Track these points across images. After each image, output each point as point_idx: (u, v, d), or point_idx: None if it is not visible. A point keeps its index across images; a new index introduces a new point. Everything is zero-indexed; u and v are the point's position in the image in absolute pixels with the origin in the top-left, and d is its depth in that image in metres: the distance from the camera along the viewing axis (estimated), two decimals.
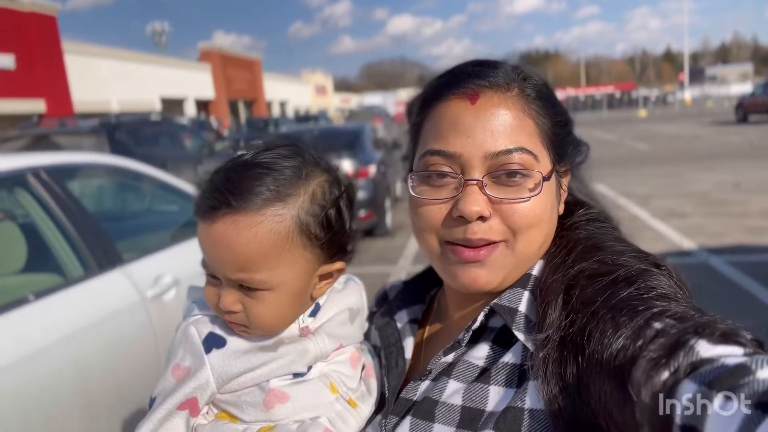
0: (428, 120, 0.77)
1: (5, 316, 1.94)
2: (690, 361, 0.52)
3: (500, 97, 0.74)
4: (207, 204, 0.73)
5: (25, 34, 18.70)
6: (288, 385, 0.77)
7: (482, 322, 0.75)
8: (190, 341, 0.76)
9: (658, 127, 26.75)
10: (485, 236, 0.72)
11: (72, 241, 2.40)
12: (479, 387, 0.71)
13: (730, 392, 0.47)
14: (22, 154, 2.79)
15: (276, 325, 0.78)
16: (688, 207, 8.37)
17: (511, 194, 0.72)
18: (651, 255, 0.72)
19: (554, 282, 0.71)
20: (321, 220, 0.76)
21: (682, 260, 5.89)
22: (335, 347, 0.82)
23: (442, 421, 0.71)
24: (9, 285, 2.30)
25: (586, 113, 52.83)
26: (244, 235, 0.71)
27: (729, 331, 0.55)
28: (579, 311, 0.65)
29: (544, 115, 0.75)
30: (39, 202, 2.39)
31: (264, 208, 0.71)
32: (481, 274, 0.74)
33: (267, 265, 0.73)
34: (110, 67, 25.51)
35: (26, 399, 1.86)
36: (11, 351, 1.88)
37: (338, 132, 9.31)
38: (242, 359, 0.75)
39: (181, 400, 0.74)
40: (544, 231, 0.75)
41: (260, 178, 0.73)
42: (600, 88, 75.18)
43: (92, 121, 8.25)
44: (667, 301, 0.62)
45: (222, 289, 0.75)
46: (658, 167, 12.78)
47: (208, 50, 37.58)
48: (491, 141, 0.71)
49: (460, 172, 0.73)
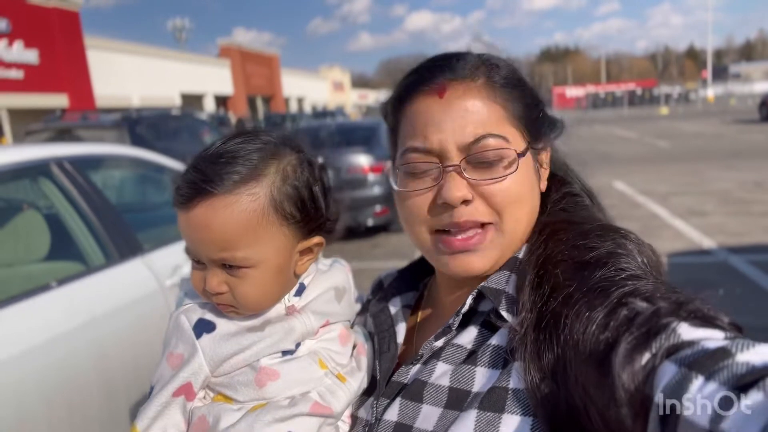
0: (403, 119, 0.80)
1: (29, 301, 2.00)
2: (671, 343, 0.53)
3: (466, 87, 0.76)
4: (183, 196, 0.76)
5: (48, 30, 19.00)
6: (278, 363, 0.80)
7: (471, 305, 0.77)
8: (181, 329, 0.79)
9: (680, 124, 26.35)
10: (471, 218, 0.74)
11: (94, 230, 2.46)
12: (466, 369, 0.73)
13: (710, 374, 0.47)
14: (46, 145, 2.85)
15: (262, 302, 0.81)
16: (709, 205, 8.24)
17: (488, 175, 0.74)
18: (619, 230, 0.73)
19: (527, 264, 0.74)
20: (294, 198, 0.79)
21: (701, 259, 5.82)
22: (321, 324, 0.85)
23: (431, 402, 0.73)
24: (33, 272, 2.37)
25: (606, 110, 52.23)
26: (221, 215, 0.74)
27: (709, 315, 0.56)
28: (552, 294, 0.67)
29: (512, 99, 0.77)
30: (62, 191, 2.45)
31: (237, 188, 0.75)
32: (473, 260, 0.76)
33: (246, 243, 0.75)
34: (131, 63, 25.83)
35: (49, 382, 1.92)
36: (35, 335, 1.93)
37: (355, 128, 9.33)
38: (232, 341, 0.78)
39: (177, 386, 0.77)
40: (527, 206, 0.78)
41: (229, 163, 0.76)
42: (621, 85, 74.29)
43: (114, 115, 8.37)
44: (638, 281, 0.63)
45: (207, 272, 0.78)
46: (678, 165, 12.60)
47: (227, 46, 37.84)
48: (461, 132, 0.74)
49: (439, 162, 0.75)
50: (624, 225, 0.76)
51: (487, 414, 0.65)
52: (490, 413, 0.65)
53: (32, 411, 1.85)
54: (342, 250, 7.14)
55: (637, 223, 7.23)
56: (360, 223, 7.48)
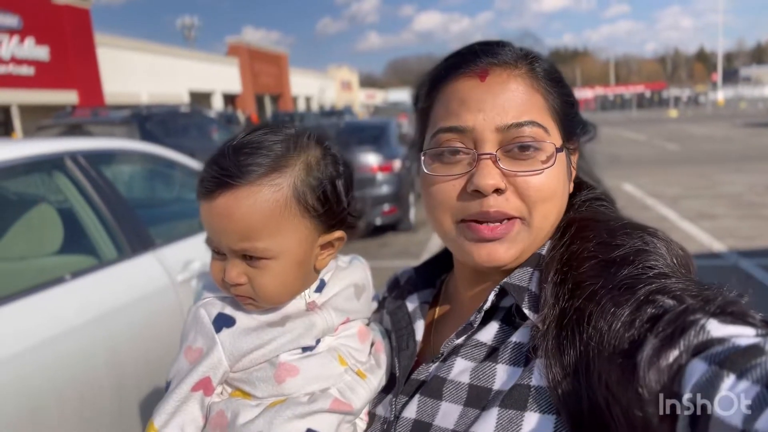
0: (437, 101, 0.78)
1: (43, 294, 2.00)
2: (700, 340, 0.51)
3: (509, 73, 0.74)
4: (206, 188, 0.76)
5: (59, 27, 19.11)
6: (297, 359, 0.79)
7: (493, 302, 0.75)
8: (200, 323, 0.79)
9: (689, 127, 26.19)
10: (501, 209, 0.72)
11: (107, 225, 2.46)
12: (487, 366, 0.71)
13: (742, 372, 0.46)
14: (60, 139, 2.87)
15: (281, 295, 0.80)
16: (719, 209, 8.19)
17: (525, 167, 0.72)
18: (647, 228, 0.71)
19: (549, 262, 0.72)
20: (317, 191, 0.78)
21: (711, 262, 5.78)
22: (342, 321, 0.84)
23: (450, 399, 0.72)
24: (46, 265, 2.37)
25: (615, 112, 51.99)
26: (244, 204, 0.74)
27: (740, 311, 0.54)
28: (576, 291, 0.65)
29: (553, 93, 0.76)
30: (76, 185, 2.46)
31: (260, 179, 0.74)
32: (498, 249, 0.73)
33: (268, 233, 0.75)
34: (141, 61, 25.93)
35: (61, 374, 1.92)
36: (47, 328, 1.94)
37: (364, 127, 9.32)
38: (251, 336, 0.77)
39: (195, 380, 0.76)
40: (557, 205, 0.76)
41: (252, 154, 0.76)
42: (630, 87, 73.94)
43: (124, 111, 8.40)
44: (666, 279, 0.61)
45: (227, 263, 0.77)
46: (688, 168, 12.52)
47: (236, 45, 37.92)
48: (502, 114, 0.72)
49: (473, 148, 0.73)
50: None
51: (509, 412, 0.64)
52: (512, 411, 0.64)
53: (43, 404, 1.86)
54: (350, 249, 7.11)
55: None
56: (368, 222, 7.46)
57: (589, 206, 0.81)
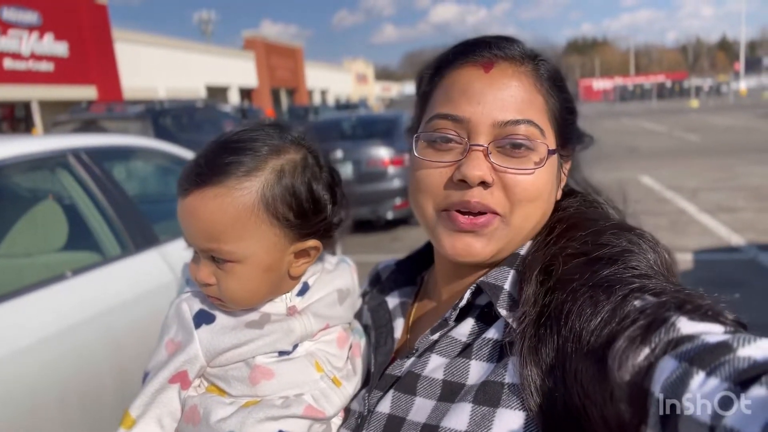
0: (439, 86, 0.77)
1: (43, 291, 2.01)
2: (670, 338, 0.52)
3: (514, 69, 0.74)
4: (181, 185, 0.76)
5: (77, 23, 19.31)
6: (273, 362, 0.79)
7: (468, 299, 0.75)
8: (181, 317, 0.79)
9: (711, 118, 25.70)
10: (483, 201, 0.71)
11: (110, 221, 2.47)
12: (461, 362, 0.72)
13: (711, 369, 0.46)
14: (64, 135, 2.88)
15: (247, 299, 0.79)
16: (739, 201, 8.02)
17: (515, 165, 0.72)
18: (634, 229, 0.71)
19: (534, 260, 0.72)
20: (289, 200, 0.76)
21: (730, 256, 5.66)
22: (321, 327, 0.83)
23: (424, 395, 0.72)
24: (51, 262, 2.39)
25: (635, 103, 51.26)
26: (211, 205, 0.73)
27: (711, 310, 0.55)
28: (557, 289, 0.65)
29: (554, 96, 0.76)
30: (79, 182, 2.47)
31: (229, 181, 0.73)
32: (475, 244, 0.73)
33: (233, 236, 0.74)
34: (158, 55, 26.13)
35: (62, 371, 1.93)
36: (50, 324, 1.95)
37: (375, 120, 9.29)
38: (229, 335, 0.77)
39: (172, 372, 0.77)
40: (541, 208, 0.75)
41: (229, 154, 0.75)
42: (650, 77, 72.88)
43: (138, 106, 8.46)
44: (647, 280, 0.61)
45: (199, 262, 0.78)
46: (708, 160, 12.29)
47: (252, 39, 38.01)
48: (500, 110, 0.71)
49: (466, 138, 0.73)
50: (650, 221, 0.73)
51: (482, 408, 0.65)
52: (485, 407, 0.64)
53: (45, 401, 1.87)
54: (362, 242, 7.13)
55: (664, 218, 7.03)
56: (380, 216, 7.45)
57: (577, 208, 0.80)
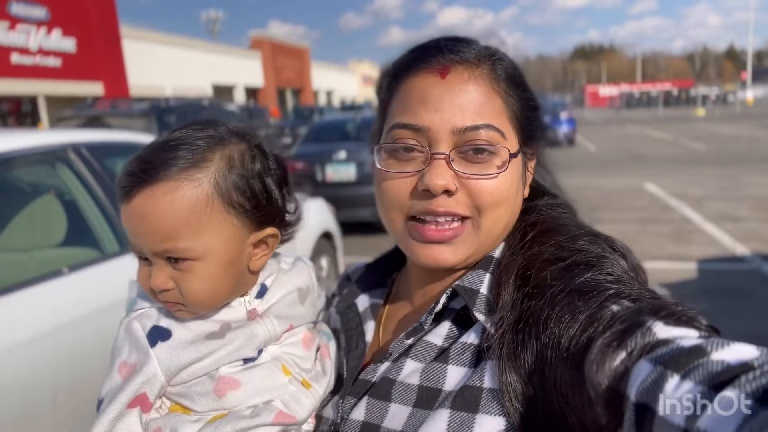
0: (397, 94, 0.76)
1: (39, 287, 2.00)
2: (646, 342, 0.52)
3: (470, 73, 0.73)
4: (125, 188, 0.72)
5: (85, 19, 19.36)
6: (239, 371, 0.75)
7: (444, 303, 0.74)
8: (133, 336, 0.73)
9: (717, 127, 25.61)
10: (450, 209, 0.71)
11: (109, 217, 2.46)
12: (437, 367, 0.70)
13: (685, 373, 0.46)
14: (64, 130, 2.87)
15: (211, 298, 0.75)
16: (744, 211, 7.97)
17: (478, 170, 0.71)
18: (607, 238, 0.72)
19: (510, 264, 0.72)
20: (243, 187, 0.74)
21: (734, 266, 5.62)
22: (285, 329, 0.80)
23: (399, 401, 0.71)
24: (49, 257, 2.37)
25: (641, 110, 51.17)
26: (161, 202, 0.70)
27: (686, 315, 0.56)
28: (534, 295, 0.65)
29: (513, 96, 0.75)
30: (78, 177, 2.45)
31: (178, 175, 0.71)
32: (444, 251, 0.73)
33: (189, 232, 0.71)
34: (165, 53, 26.19)
35: (56, 369, 1.92)
36: (42, 322, 1.93)
37: None
38: (189, 349, 0.73)
39: (130, 397, 0.71)
40: (509, 210, 0.75)
41: (172, 150, 0.72)
42: (656, 84, 72.80)
43: (143, 104, 8.47)
44: (623, 285, 0.62)
45: (152, 268, 0.73)
46: (713, 168, 12.24)
47: (259, 38, 38.09)
48: (459, 116, 0.70)
49: (428, 146, 0.72)
50: (654, 228, 0.72)
51: (461, 414, 0.64)
52: (464, 413, 0.64)
53: (38, 398, 1.85)
54: (362, 244, 7.10)
55: (668, 227, 6.95)
56: None
57: (550, 213, 0.79)
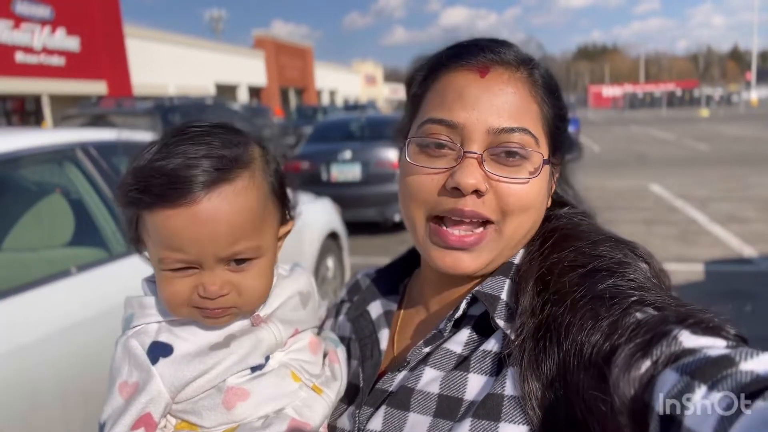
0: (432, 89, 0.74)
1: (48, 287, 1.98)
2: (672, 351, 0.51)
3: (510, 75, 0.72)
4: (176, 191, 0.65)
5: (89, 18, 19.37)
6: (247, 381, 0.73)
7: (464, 310, 0.73)
8: (133, 355, 0.70)
9: (721, 127, 25.53)
10: (477, 209, 0.69)
11: (117, 217, 2.44)
12: (458, 375, 0.69)
13: (713, 383, 0.45)
14: (72, 130, 2.86)
15: (266, 294, 0.76)
16: (750, 212, 7.93)
17: (510, 174, 0.70)
18: (629, 243, 0.71)
19: (529, 270, 0.71)
20: (278, 181, 0.76)
21: (741, 268, 5.59)
22: (290, 333, 0.79)
23: (418, 410, 0.69)
24: (56, 257, 2.36)
25: (644, 110, 51.05)
26: (236, 203, 0.68)
27: (713, 324, 0.54)
28: (555, 301, 0.64)
29: (548, 104, 0.74)
30: (86, 176, 2.44)
31: (241, 173, 0.69)
32: (465, 259, 0.71)
33: (258, 229, 0.70)
34: (169, 52, 26.19)
35: (65, 370, 1.90)
36: (51, 322, 1.91)
37: (384, 121, 9.25)
38: (194, 363, 0.70)
39: (134, 418, 0.67)
40: (533, 217, 0.74)
41: (210, 148, 0.67)
42: (660, 85, 72.65)
43: (147, 102, 8.47)
44: (646, 292, 0.61)
45: (202, 276, 0.69)
46: (718, 169, 12.19)
47: (262, 38, 38.05)
48: (495, 116, 0.69)
49: (460, 144, 0.70)
50: (660, 230, 0.70)
51: (483, 422, 0.63)
52: (486, 421, 0.63)
53: (47, 399, 1.84)
54: (368, 245, 7.09)
55: (674, 228, 6.92)
56: (387, 218, 7.40)
57: (570, 220, 0.78)
